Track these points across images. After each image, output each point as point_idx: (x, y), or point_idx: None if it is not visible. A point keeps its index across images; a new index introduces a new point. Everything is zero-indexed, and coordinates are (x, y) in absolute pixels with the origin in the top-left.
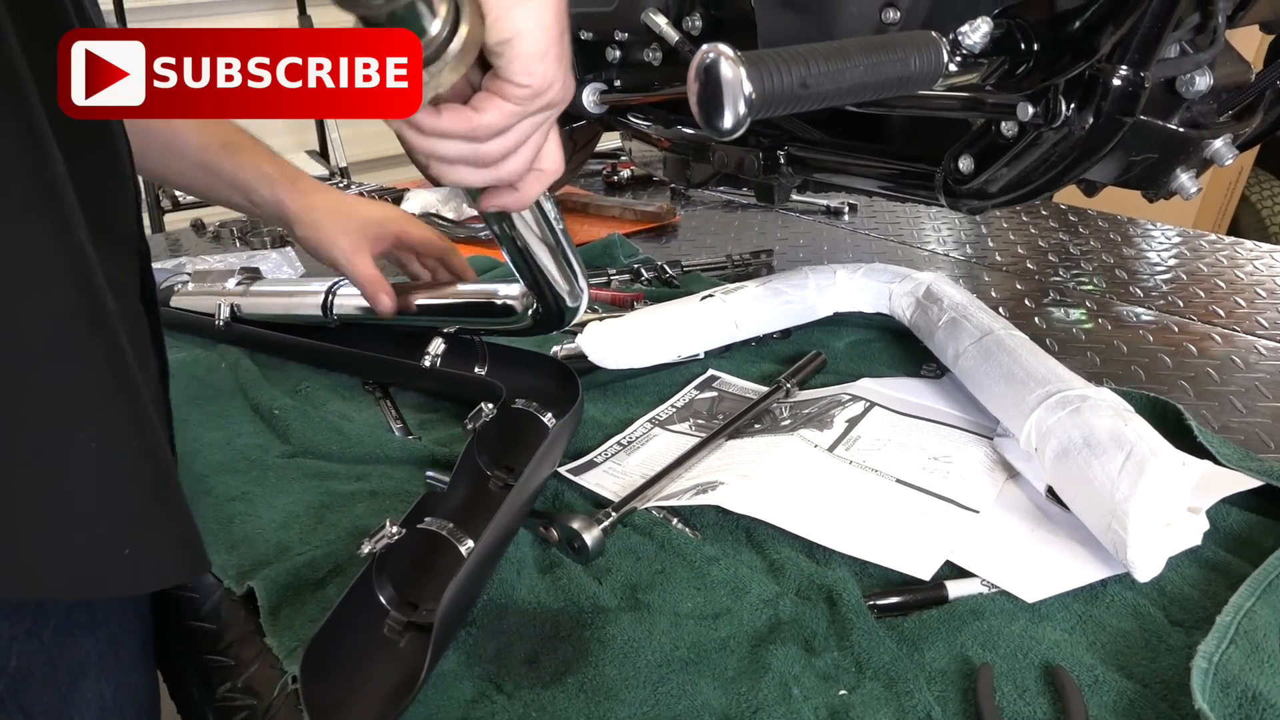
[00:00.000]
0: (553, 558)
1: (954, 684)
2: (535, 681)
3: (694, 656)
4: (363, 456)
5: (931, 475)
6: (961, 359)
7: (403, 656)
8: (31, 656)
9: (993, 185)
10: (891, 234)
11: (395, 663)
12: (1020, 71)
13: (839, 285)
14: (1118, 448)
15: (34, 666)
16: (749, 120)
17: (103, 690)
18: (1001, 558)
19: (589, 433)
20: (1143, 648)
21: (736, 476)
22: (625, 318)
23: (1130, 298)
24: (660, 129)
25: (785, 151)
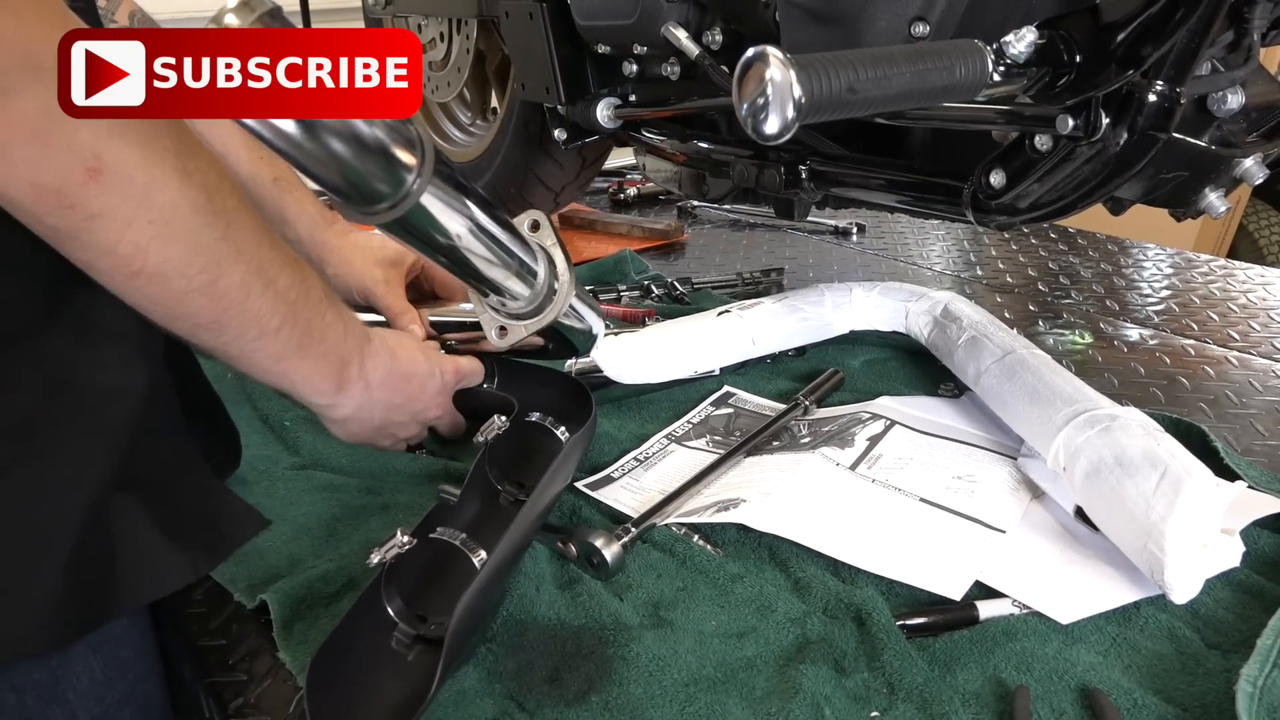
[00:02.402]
0: (571, 574)
1: (989, 706)
2: (558, 700)
3: (721, 676)
4: (374, 470)
5: (956, 495)
6: (984, 378)
7: (411, 670)
8: None
9: (1023, 201)
10: (900, 254)
11: (403, 677)
12: (1061, 84)
13: (855, 303)
14: (1151, 467)
15: None
16: (796, 125)
17: (91, 664)
18: (1032, 578)
19: (604, 448)
20: (1180, 671)
21: (759, 494)
22: (641, 332)
23: (1148, 321)
24: (676, 144)
25: (807, 166)
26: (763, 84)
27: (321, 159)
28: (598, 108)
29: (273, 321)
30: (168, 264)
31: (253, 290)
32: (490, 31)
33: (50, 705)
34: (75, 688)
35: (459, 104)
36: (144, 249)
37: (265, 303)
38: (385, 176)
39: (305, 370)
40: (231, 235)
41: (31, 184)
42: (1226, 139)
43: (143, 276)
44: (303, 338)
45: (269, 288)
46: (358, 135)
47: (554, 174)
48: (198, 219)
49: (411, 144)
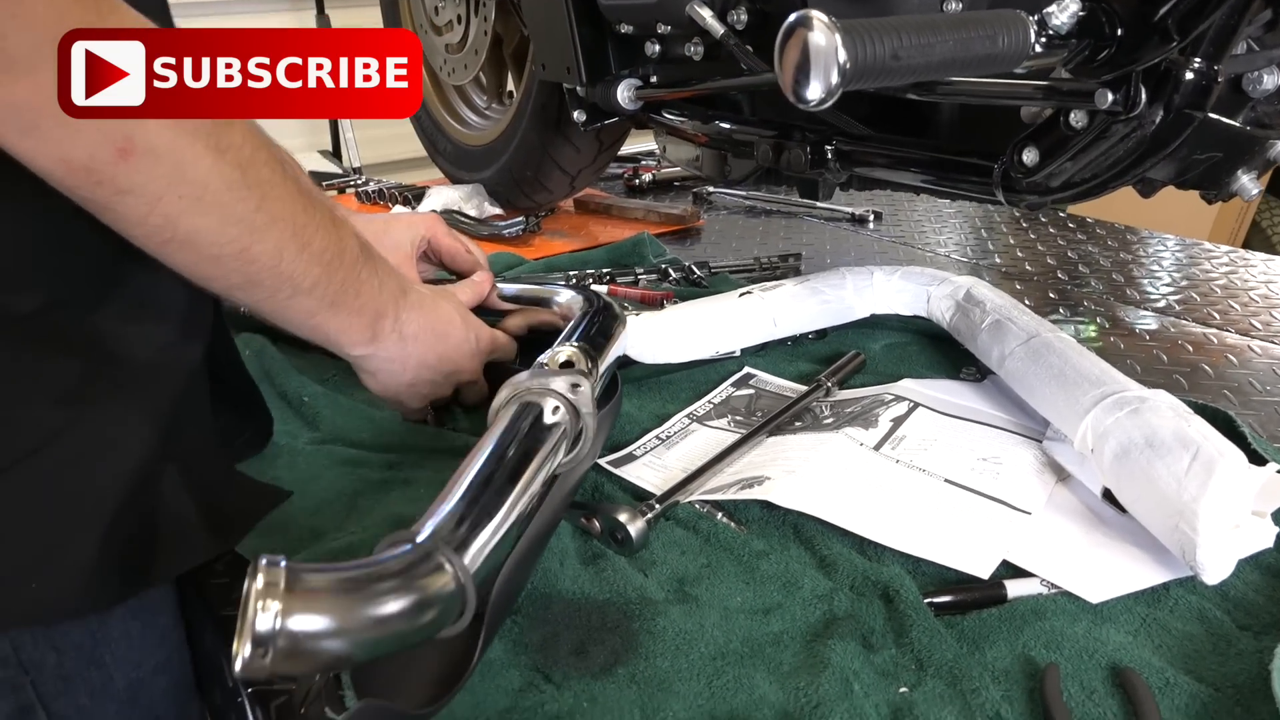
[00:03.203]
0: (595, 549)
1: (1018, 684)
2: (584, 672)
3: (748, 650)
4: (395, 445)
5: (981, 476)
6: (1008, 361)
7: (448, 642)
8: None
9: (1055, 179)
10: (917, 242)
11: (440, 648)
12: (1101, 57)
13: (876, 287)
14: (1183, 448)
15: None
16: (840, 92)
17: (130, 628)
18: (1060, 558)
19: (625, 427)
20: (1211, 652)
21: (783, 472)
22: (663, 312)
23: (1169, 310)
24: (698, 124)
25: (833, 146)
26: (807, 48)
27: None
28: (618, 89)
29: (306, 281)
30: (199, 234)
31: (286, 254)
32: (508, 14)
33: (89, 667)
34: (114, 651)
35: (475, 87)
36: (174, 221)
37: (299, 265)
38: (442, 620)
39: (339, 324)
40: (266, 206)
41: (61, 160)
42: (1261, 120)
43: (174, 244)
44: (337, 294)
45: (304, 251)
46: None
47: (571, 157)
48: (231, 194)
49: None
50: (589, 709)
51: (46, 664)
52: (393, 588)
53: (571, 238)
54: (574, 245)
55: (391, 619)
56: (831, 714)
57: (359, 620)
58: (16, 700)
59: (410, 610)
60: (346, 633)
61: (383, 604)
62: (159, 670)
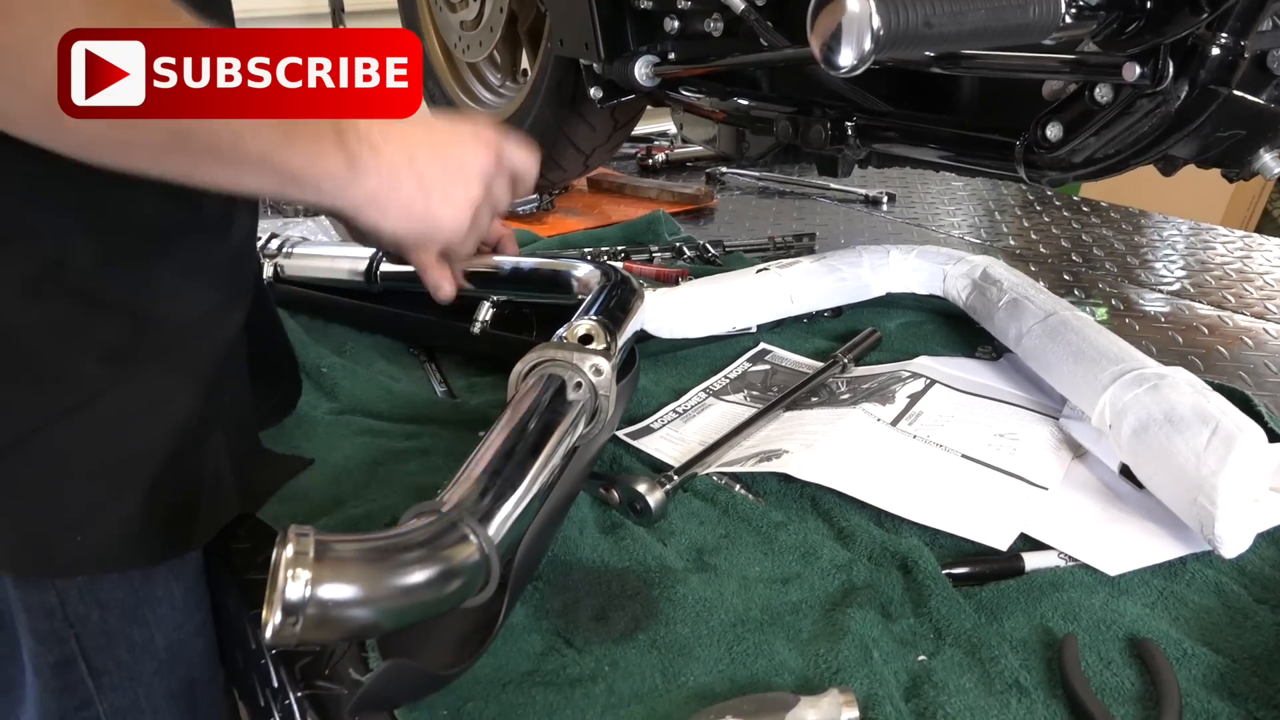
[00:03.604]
0: (614, 519)
1: (1036, 653)
2: (605, 637)
3: (767, 618)
4: (413, 416)
5: (998, 451)
6: (1025, 339)
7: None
8: None
9: (1078, 155)
10: (931, 224)
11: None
12: (1130, 29)
13: (892, 265)
14: (1202, 423)
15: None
16: (871, 58)
17: (172, 590)
18: (1077, 532)
19: (642, 401)
20: (1228, 624)
21: (801, 445)
22: (681, 288)
23: (1183, 293)
24: (716, 101)
25: (853, 122)
26: (841, 14)
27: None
28: (636, 65)
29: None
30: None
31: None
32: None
33: (131, 625)
34: (156, 612)
35: (489, 65)
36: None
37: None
38: (467, 590)
39: (300, 156)
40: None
41: None
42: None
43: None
44: (284, 128)
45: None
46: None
47: (585, 136)
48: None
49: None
50: (610, 672)
51: (91, 619)
52: (419, 558)
53: (585, 216)
54: (588, 223)
55: (418, 588)
56: (851, 680)
57: (386, 589)
58: (61, 652)
59: (436, 580)
60: (374, 601)
61: (409, 574)
62: (197, 633)
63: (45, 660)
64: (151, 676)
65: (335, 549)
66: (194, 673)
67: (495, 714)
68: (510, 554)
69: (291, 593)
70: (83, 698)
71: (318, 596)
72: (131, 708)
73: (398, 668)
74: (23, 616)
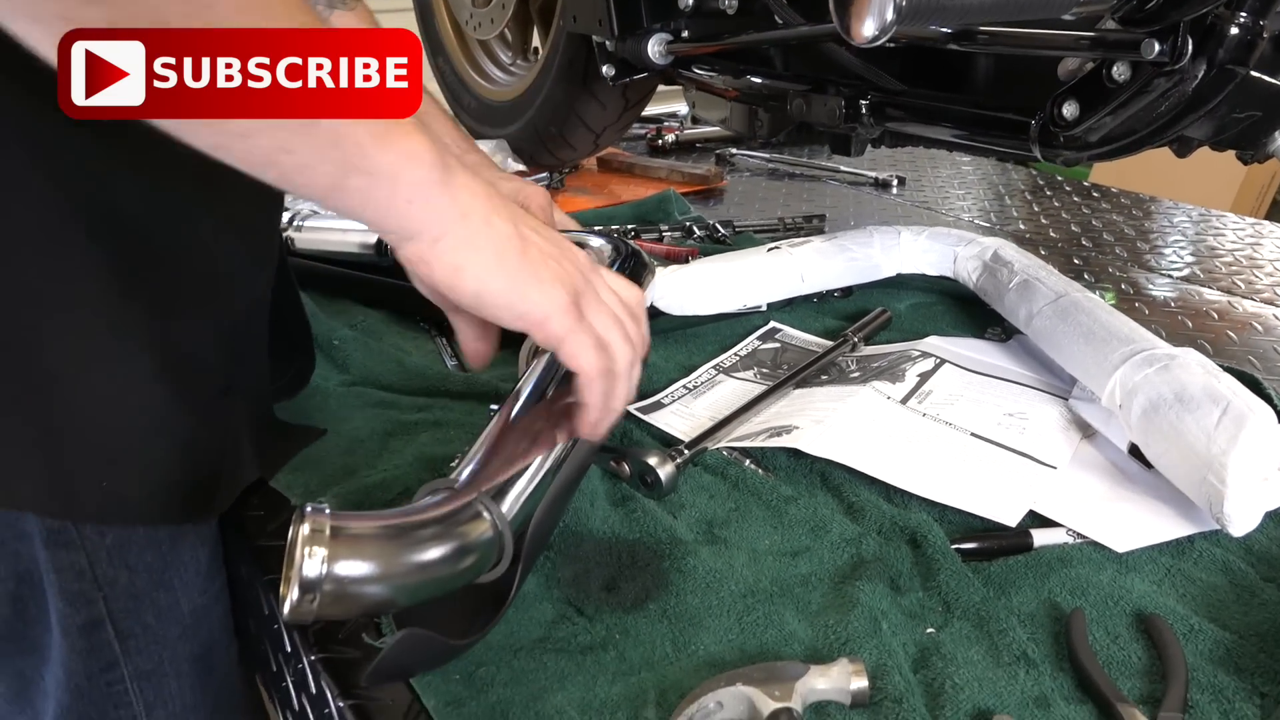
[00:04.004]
0: (624, 492)
1: (1044, 627)
2: (616, 606)
3: (777, 590)
4: (424, 388)
5: (1007, 431)
6: (1036, 319)
7: None
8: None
9: (1093, 134)
10: (941, 207)
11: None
12: (1150, 6)
13: (903, 246)
14: (1213, 403)
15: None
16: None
17: (198, 554)
18: (1086, 510)
19: (652, 377)
20: (1234, 601)
21: (811, 421)
22: (692, 265)
23: (1192, 278)
24: (729, 79)
25: (867, 100)
26: None
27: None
28: (649, 43)
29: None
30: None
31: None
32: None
33: (157, 588)
34: (182, 577)
35: (500, 43)
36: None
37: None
38: (480, 566)
39: (392, 153)
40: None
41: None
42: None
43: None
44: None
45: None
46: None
47: (596, 114)
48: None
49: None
50: (621, 640)
51: (119, 581)
52: (434, 535)
53: (595, 195)
54: (597, 202)
55: (432, 565)
56: (860, 651)
57: (402, 566)
58: (89, 614)
59: (450, 556)
60: (389, 578)
61: (424, 551)
62: (217, 598)
63: (73, 621)
64: (175, 640)
65: (351, 526)
66: (214, 637)
67: (507, 679)
68: (523, 530)
69: (309, 569)
70: (109, 659)
71: (334, 573)
72: (155, 671)
73: (414, 637)
74: (52, 577)
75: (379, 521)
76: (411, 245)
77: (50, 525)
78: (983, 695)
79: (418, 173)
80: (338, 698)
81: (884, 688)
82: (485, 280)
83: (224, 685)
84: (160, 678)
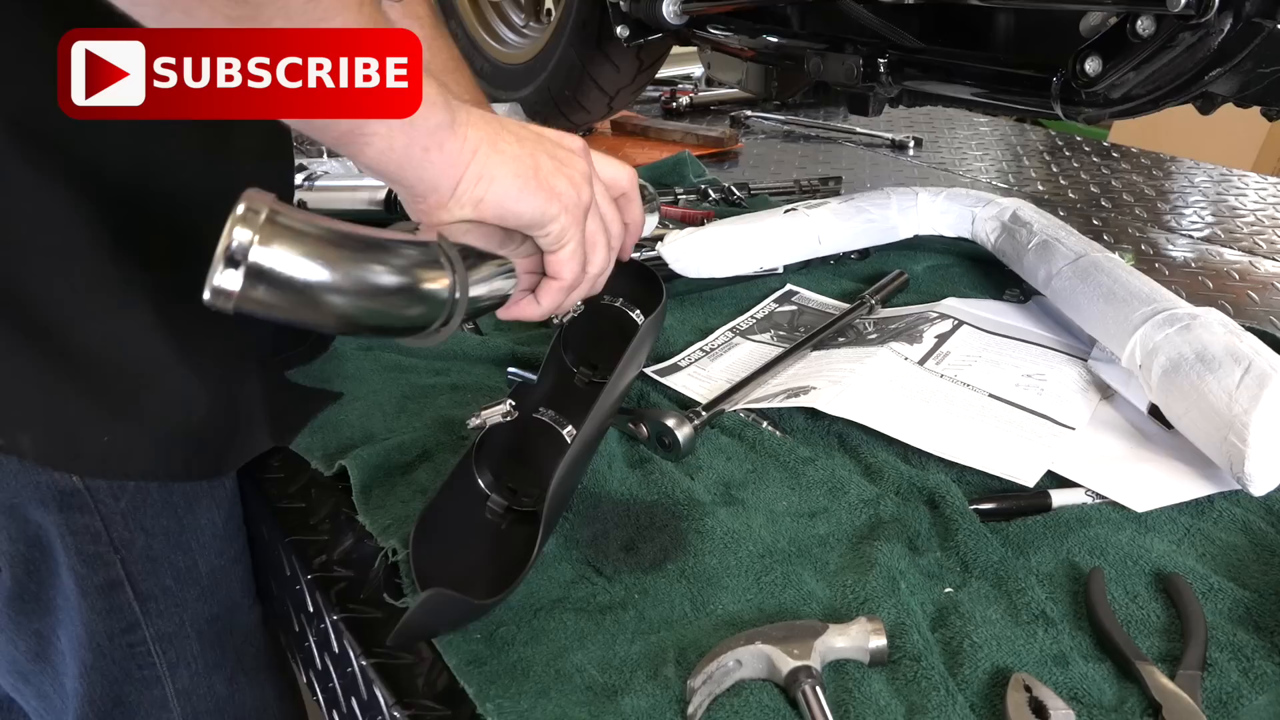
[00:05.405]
0: (642, 454)
1: (1062, 586)
2: (634, 567)
3: (795, 550)
4: (441, 352)
5: (1025, 392)
6: (1055, 280)
7: (505, 539)
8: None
9: (1116, 91)
10: (958, 169)
11: (498, 545)
12: None
13: (921, 207)
14: (1235, 363)
15: (150, 487)
16: None
17: (215, 517)
18: (1105, 470)
19: (669, 339)
20: (1254, 560)
21: (829, 382)
22: (708, 228)
23: (1213, 238)
24: (745, 39)
25: (885, 59)
26: None
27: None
28: (664, 2)
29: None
30: None
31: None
32: None
33: (174, 550)
34: (199, 539)
35: (512, 5)
36: None
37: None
38: (428, 308)
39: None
40: None
41: None
42: None
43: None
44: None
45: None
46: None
47: (610, 76)
48: None
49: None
50: (640, 600)
51: (136, 544)
52: (381, 258)
53: None
54: None
55: (370, 291)
56: (878, 610)
57: (335, 277)
58: (107, 575)
59: (393, 291)
60: (321, 288)
61: (365, 270)
62: (236, 559)
63: (92, 581)
64: (195, 602)
65: (294, 217)
66: (234, 598)
67: (527, 637)
68: (544, 485)
69: (237, 241)
70: (130, 620)
71: (260, 259)
72: (177, 633)
73: (439, 597)
74: (68, 540)
75: (326, 223)
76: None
77: (63, 487)
78: (1001, 654)
79: (432, 119)
80: (360, 656)
81: (903, 646)
82: (505, 204)
83: (246, 645)
84: (182, 639)
